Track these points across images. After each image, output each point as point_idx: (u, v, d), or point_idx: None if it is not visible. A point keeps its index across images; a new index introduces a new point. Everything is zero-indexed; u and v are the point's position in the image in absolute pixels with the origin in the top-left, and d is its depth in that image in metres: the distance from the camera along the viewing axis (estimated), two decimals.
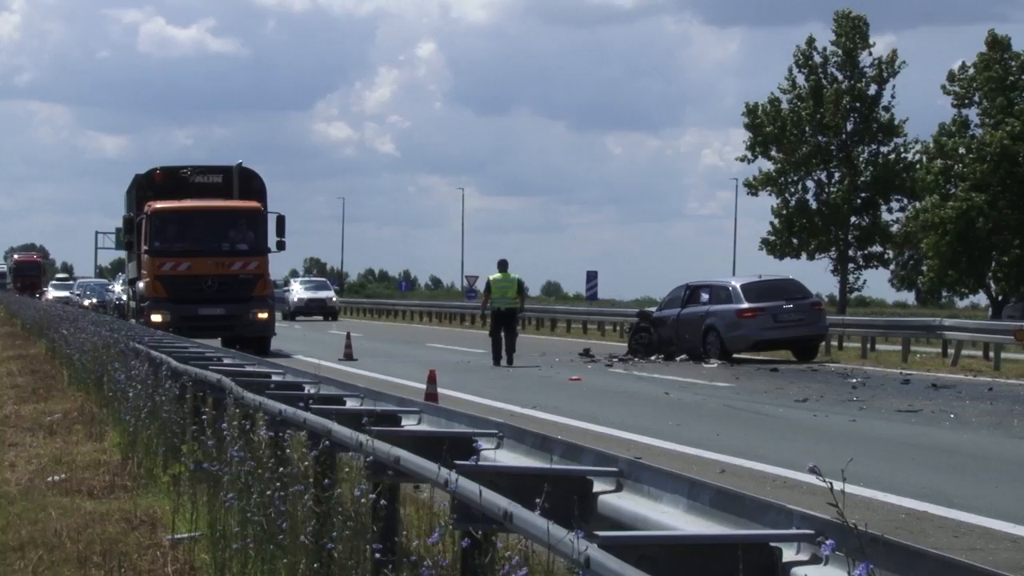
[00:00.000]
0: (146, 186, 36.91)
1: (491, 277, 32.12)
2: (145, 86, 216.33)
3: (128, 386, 14.86)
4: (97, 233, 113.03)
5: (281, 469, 8.02)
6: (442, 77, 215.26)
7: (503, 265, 31.68)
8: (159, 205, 34.61)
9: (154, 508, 11.09)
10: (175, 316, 32.55)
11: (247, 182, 36.97)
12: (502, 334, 30.96)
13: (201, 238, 34.01)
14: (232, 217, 35.04)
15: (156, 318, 32.66)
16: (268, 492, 7.69)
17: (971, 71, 61.90)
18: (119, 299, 59.00)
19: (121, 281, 65.68)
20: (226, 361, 14.25)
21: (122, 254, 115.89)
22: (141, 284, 35.07)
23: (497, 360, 30.64)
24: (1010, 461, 14.67)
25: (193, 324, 31.52)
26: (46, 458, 14.50)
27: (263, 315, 33.92)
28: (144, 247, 34.58)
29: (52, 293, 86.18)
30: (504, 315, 31.36)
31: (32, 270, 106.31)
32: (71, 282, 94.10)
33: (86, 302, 70.26)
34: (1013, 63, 61.24)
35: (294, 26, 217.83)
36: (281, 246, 35.72)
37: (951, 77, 62.68)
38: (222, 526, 8.57)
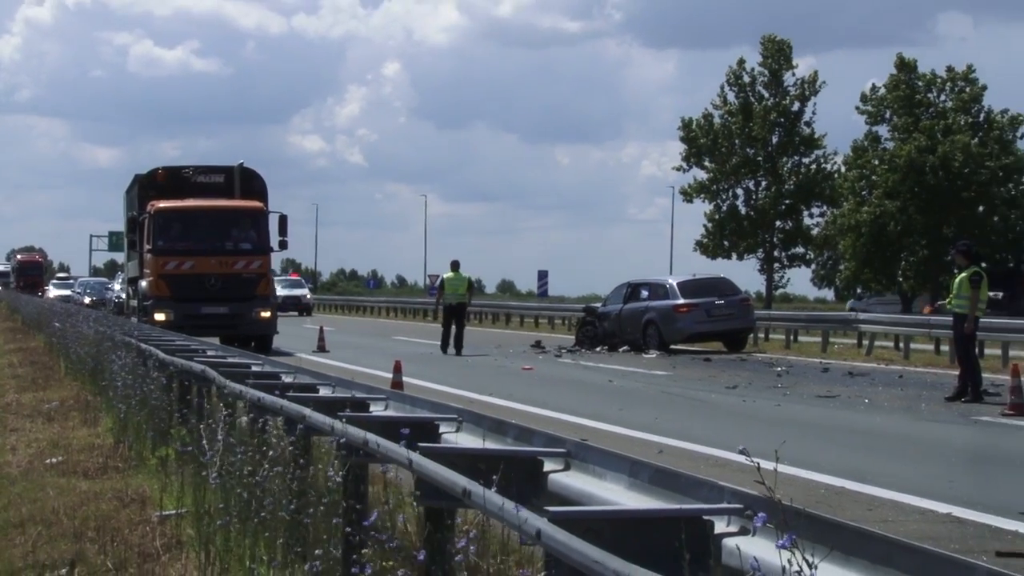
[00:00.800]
0: (148, 185, 33.94)
1: (445, 276, 33.02)
2: (135, 102, 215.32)
3: (119, 376, 14.77)
4: (91, 236, 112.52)
5: (261, 451, 7.98)
6: (406, 94, 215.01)
7: (455, 265, 32.65)
8: (162, 204, 31.80)
9: (143, 487, 11.02)
10: (178, 314, 29.85)
11: (248, 182, 34.09)
12: (452, 325, 31.74)
13: (204, 237, 31.25)
14: (235, 216, 32.15)
15: (160, 316, 30.16)
16: (250, 473, 7.66)
17: (882, 91, 62.31)
18: (118, 297, 55.62)
19: (120, 280, 62.20)
20: (209, 353, 14.17)
21: (114, 255, 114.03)
22: (144, 283, 32.35)
23: (445, 348, 31.50)
24: (918, 441, 14.75)
25: (196, 323, 29.06)
26: (44, 442, 14.41)
27: (266, 314, 31.21)
28: (147, 246, 31.82)
29: (53, 292, 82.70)
30: (454, 309, 32.13)
31: (34, 270, 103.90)
32: (71, 281, 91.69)
33: (86, 300, 67.21)
34: (919, 83, 61.65)
35: (271, 47, 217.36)
36: (283, 245, 32.86)
37: (864, 98, 63.07)
38: (207, 504, 8.53)
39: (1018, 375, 17.85)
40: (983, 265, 19.75)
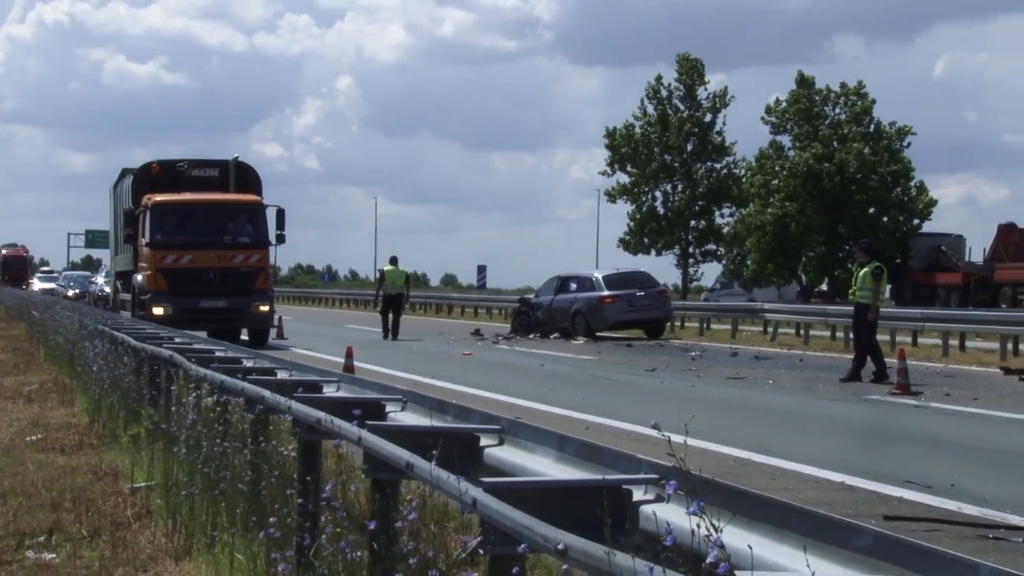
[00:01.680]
0: (142, 179, 30.08)
1: (385, 268, 33.46)
2: (109, 112, 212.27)
3: (94, 361, 14.61)
4: (69, 234, 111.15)
5: (223, 429, 7.92)
6: (358, 106, 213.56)
7: (394, 260, 33.45)
8: (159, 198, 28.31)
9: (116, 462, 10.91)
10: (177, 308, 26.97)
11: (243, 175, 30.40)
12: (390, 314, 32.11)
13: (203, 231, 27.98)
14: (233, 210, 28.79)
15: (158, 311, 26.73)
16: (213, 448, 7.60)
17: (784, 104, 62.79)
18: (101, 291, 50.95)
19: (104, 273, 57.87)
20: (177, 340, 14.04)
21: (91, 251, 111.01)
22: (140, 277, 28.46)
23: (385, 335, 31.70)
24: (816, 418, 14.87)
25: (195, 316, 26.75)
26: (25, 421, 14.23)
27: (264, 308, 28.12)
28: (144, 240, 28.30)
29: (39, 284, 77.28)
30: (393, 299, 32.60)
31: (19, 264, 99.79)
32: (56, 275, 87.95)
33: (70, 292, 62.21)
34: (817, 97, 62.18)
35: (234, 63, 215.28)
36: (281, 239, 29.30)
37: (768, 110, 63.52)
38: (174, 477, 8.45)
39: (904, 358, 18.06)
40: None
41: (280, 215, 29.52)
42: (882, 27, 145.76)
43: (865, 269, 19.63)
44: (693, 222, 66.27)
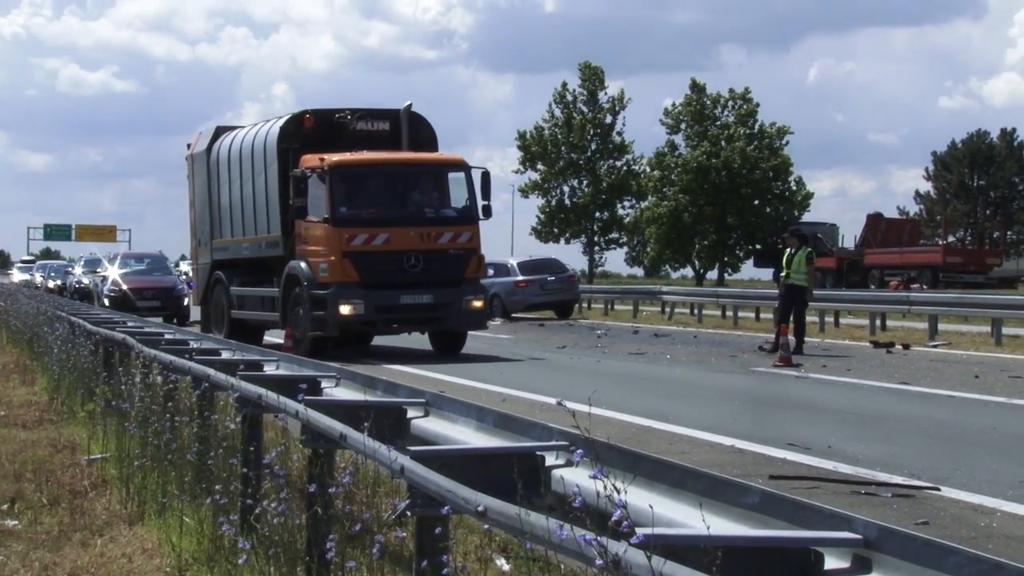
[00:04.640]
0: (292, 135, 20.36)
1: None
2: (64, 116, 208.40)
3: (54, 343, 14.33)
4: (28, 228, 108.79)
5: (172, 405, 7.81)
6: (293, 110, 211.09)
7: None
8: (338, 158, 19.07)
9: (74, 436, 10.71)
10: (370, 306, 18.75)
11: (417, 129, 21.08)
12: None
13: (397, 203, 19.49)
14: (434, 174, 20.03)
15: (346, 309, 18.63)
16: (161, 423, 7.48)
17: (678, 108, 63.25)
18: (79, 282, 41.89)
19: (82, 263, 45.29)
20: (129, 324, 13.80)
21: (49, 243, 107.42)
22: (305, 264, 19.22)
23: None
24: (709, 388, 14.97)
25: (393, 317, 19.17)
26: None
27: (478, 303, 19.54)
28: (322, 214, 18.96)
29: (18, 276, 64.00)
30: None
31: None
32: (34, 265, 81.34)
33: (51, 283, 49.98)
34: (708, 101, 62.72)
35: (179, 71, 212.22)
36: (487, 212, 19.97)
37: (666, 113, 63.97)
38: (127, 449, 8.32)
39: (786, 334, 18.27)
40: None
41: (485, 180, 20.30)
42: (762, 38, 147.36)
43: (799, 254, 19.67)
44: (598, 214, 66.57)
